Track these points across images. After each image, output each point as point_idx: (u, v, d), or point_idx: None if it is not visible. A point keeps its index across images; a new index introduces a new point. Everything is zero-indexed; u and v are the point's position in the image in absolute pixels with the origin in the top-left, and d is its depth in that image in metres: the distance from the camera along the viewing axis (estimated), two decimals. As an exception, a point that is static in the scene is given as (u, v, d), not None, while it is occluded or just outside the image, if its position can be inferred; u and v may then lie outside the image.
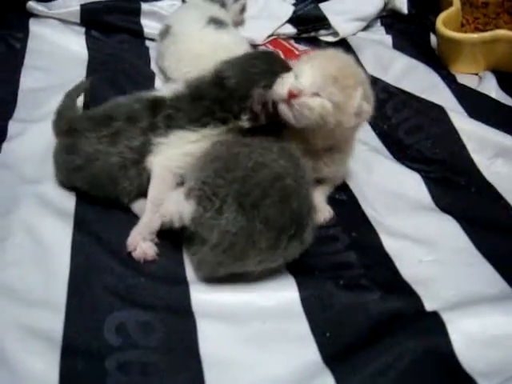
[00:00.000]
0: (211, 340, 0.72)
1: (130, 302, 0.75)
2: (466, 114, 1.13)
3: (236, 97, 0.84)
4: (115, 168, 0.86)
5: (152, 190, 0.85)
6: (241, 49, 1.17)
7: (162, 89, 0.88)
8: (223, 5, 1.27)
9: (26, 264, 0.80)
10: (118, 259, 0.81)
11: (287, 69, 0.86)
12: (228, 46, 1.16)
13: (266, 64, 0.87)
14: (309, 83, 0.80)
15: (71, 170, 0.89)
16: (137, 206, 0.88)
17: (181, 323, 0.74)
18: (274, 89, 0.82)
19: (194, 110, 0.85)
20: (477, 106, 1.14)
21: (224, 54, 1.11)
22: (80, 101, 1.04)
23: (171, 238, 0.83)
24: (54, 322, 0.72)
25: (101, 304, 0.75)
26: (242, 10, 1.33)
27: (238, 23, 1.34)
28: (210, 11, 1.21)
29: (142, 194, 0.87)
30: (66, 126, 0.91)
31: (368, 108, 0.85)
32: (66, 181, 0.91)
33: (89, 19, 1.31)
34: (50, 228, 0.85)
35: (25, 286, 0.77)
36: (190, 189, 0.79)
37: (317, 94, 0.80)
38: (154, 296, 0.77)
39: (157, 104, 0.87)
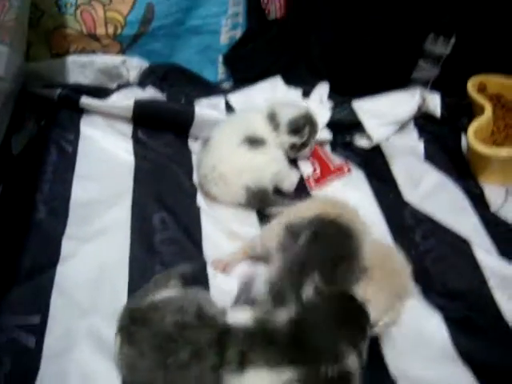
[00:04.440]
0: None
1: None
2: (492, 248, 1.17)
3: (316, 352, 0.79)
4: None
5: None
6: (273, 170, 1.24)
7: (227, 315, 0.86)
8: (276, 126, 1.28)
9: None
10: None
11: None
12: (257, 167, 1.22)
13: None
14: (380, 310, 0.88)
15: None
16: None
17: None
18: None
19: (267, 352, 0.79)
20: (506, 240, 1.19)
21: (251, 177, 1.21)
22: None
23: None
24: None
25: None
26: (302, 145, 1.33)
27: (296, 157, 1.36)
28: (250, 128, 1.25)
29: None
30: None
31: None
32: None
33: (140, 114, 1.37)
34: (103, 370, 0.91)
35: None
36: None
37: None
38: None
39: (224, 337, 0.81)
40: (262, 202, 1.23)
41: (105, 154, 1.31)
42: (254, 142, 1.23)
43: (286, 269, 0.94)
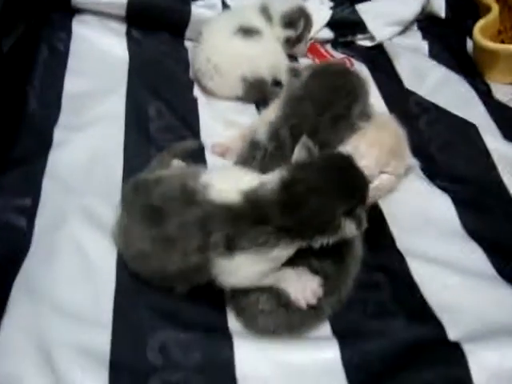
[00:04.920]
0: (247, 361, 0.77)
1: (172, 322, 0.80)
2: (499, 134, 1.13)
3: (309, 226, 0.72)
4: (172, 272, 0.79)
5: None
6: (268, 61, 1.20)
7: (213, 193, 0.75)
8: (269, 18, 1.23)
9: (74, 281, 0.84)
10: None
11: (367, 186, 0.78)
12: (252, 56, 1.18)
13: (346, 182, 0.76)
14: (374, 164, 0.83)
15: None
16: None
17: (218, 343, 0.79)
18: None
19: (256, 236, 0.72)
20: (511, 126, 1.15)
21: (247, 67, 1.17)
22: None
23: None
24: (102, 340, 0.77)
25: (145, 323, 0.80)
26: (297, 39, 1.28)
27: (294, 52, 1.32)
28: (244, 19, 1.21)
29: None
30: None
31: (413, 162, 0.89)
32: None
33: (134, 12, 1.32)
34: (96, 244, 0.89)
35: (73, 303, 0.81)
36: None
37: (382, 172, 0.83)
38: (194, 316, 0.82)
39: (210, 219, 0.74)
40: (260, 94, 1.19)
41: (98, 51, 1.26)
42: (248, 31, 1.19)
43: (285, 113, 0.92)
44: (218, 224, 0.73)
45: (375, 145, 0.84)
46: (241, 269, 0.75)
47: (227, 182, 0.77)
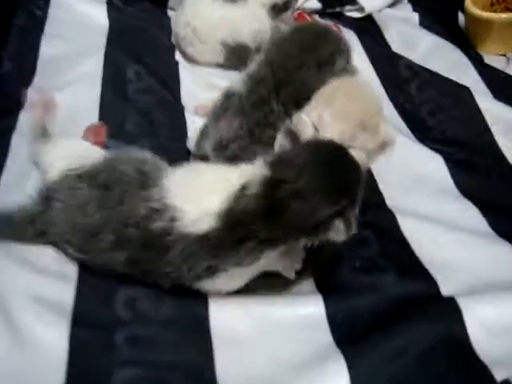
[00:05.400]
0: (222, 316, 0.71)
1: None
2: (491, 96, 1.10)
3: (294, 232, 0.65)
4: None
5: None
6: (251, 27, 1.14)
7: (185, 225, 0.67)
8: None
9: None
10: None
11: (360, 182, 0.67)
12: (233, 21, 1.13)
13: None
14: (337, 137, 0.70)
15: None
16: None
17: (191, 297, 0.73)
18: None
19: (240, 258, 0.66)
20: (503, 88, 1.11)
21: (228, 32, 1.12)
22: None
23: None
24: (65, 292, 0.71)
25: (112, 277, 0.74)
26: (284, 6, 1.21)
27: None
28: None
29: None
30: None
31: (393, 137, 0.78)
32: None
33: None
34: None
35: (36, 253, 0.75)
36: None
37: (348, 146, 0.70)
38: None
39: (190, 255, 0.67)
40: (242, 60, 1.12)
41: (77, 17, 1.21)
42: None
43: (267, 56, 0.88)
44: (198, 259, 0.66)
45: (342, 116, 0.73)
46: (223, 284, 0.70)
47: (196, 204, 0.67)
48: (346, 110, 0.74)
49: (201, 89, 1.08)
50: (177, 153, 0.93)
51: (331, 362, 0.66)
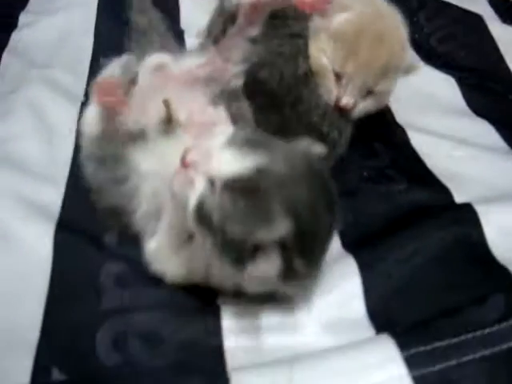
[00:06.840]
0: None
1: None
2: (500, 21, 1.05)
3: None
4: None
5: None
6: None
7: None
8: None
9: (28, 138, 0.75)
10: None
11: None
12: None
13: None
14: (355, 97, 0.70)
15: None
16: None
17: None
18: None
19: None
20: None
21: None
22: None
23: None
24: (52, 196, 0.68)
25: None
26: None
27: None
28: None
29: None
30: None
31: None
32: None
33: None
34: (56, 108, 0.80)
35: (25, 158, 0.72)
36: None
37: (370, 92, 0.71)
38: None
39: None
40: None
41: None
42: None
43: None
44: None
45: (362, 67, 0.68)
46: None
47: None
48: (369, 59, 0.69)
49: (200, 13, 1.02)
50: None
51: (341, 264, 0.62)
